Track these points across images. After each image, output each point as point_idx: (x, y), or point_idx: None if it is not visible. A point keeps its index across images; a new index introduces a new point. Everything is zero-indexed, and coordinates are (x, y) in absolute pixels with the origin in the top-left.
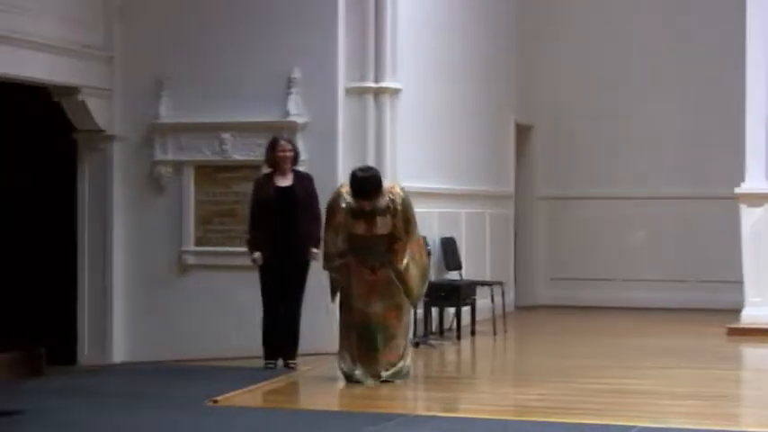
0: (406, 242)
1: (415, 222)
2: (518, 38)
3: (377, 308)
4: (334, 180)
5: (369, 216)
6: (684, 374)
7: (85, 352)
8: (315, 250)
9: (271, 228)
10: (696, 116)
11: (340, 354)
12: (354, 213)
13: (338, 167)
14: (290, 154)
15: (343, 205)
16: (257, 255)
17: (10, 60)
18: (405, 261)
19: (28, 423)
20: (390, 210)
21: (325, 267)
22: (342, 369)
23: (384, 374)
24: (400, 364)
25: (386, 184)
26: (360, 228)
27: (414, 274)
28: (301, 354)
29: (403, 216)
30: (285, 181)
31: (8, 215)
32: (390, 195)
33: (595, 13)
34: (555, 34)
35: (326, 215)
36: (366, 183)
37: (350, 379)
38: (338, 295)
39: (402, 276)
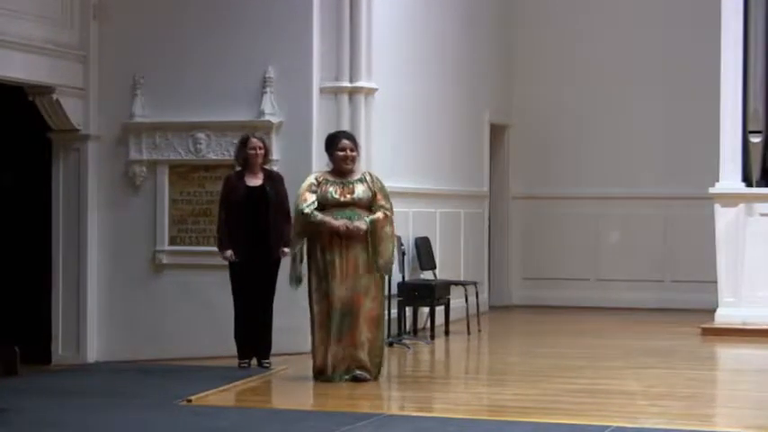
0: (388, 216)
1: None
2: (493, 38)
3: (346, 291)
4: None
5: (345, 184)
6: (659, 374)
7: (60, 351)
8: (286, 249)
9: (241, 227)
10: (672, 116)
11: (315, 351)
12: (328, 182)
13: (312, 167)
14: (260, 152)
15: (316, 180)
16: (229, 252)
17: None
18: (382, 217)
19: (3, 422)
20: (367, 181)
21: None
22: (317, 366)
23: (357, 373)
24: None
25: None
26: (335, 192)
27: (388, 235)
28: (275, 353)
29: (382, 193)
30: (256, 180)
31: None
32: (366, 173)
33: (572, 13)
34: (531, 35)
35: (299, 195)
36: (344, 131)
37: (323, 377)
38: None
39: (376, 227)
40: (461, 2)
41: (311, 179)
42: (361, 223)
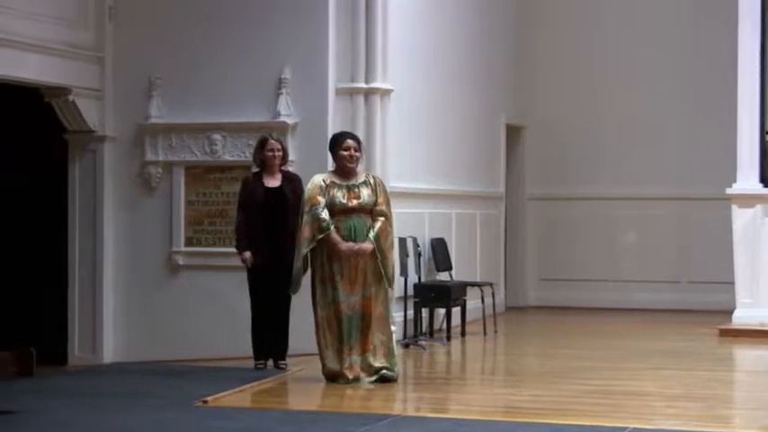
0: (389, 219)
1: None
2: (510, 39)
3: (355, 297)
4: None
5: (351, 188)
6: (676, 376)
7: (76, 352)
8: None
9: (260, 228)
10: (689, 116)
11: (322, 354)
12: (334, 185)
13: (328, 168)
14: (278, 153)
15: (323, 183)
16: (248, 255)
17: (2, 61)
18: (383, 227)
19: (18, 423)
20: (371, 184)
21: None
22: (328, 369)
23: (368, 379)
24: (382, 363)
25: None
26: (342, 196)
27: (390, 245)
28: (291, 354)
29: (384, 197)
30: (274, 181)
31: (0, 215)
32: (369, 175)
33: (588, 14)
34: (547, 35)
35: (305, 198)
36: (348, 132)
37: (335, 379)
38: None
39: (380, 240)
40: (477, 3)
41: (319, 181)
42: (367, 243)
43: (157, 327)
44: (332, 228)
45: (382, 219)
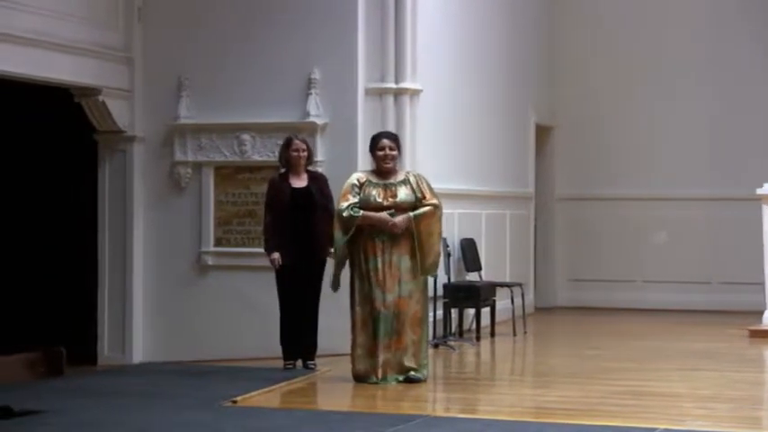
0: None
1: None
2: (538, 39)
3: (391, 296)
4: None
5: (388, 186)
6: (706, 377)
7: (105, 352)
8: (332, 250)
9: (287, 229)
10: (718, 116)
11: (354, 353)
12: (371, 183)
13: (358, 168)
14: (304, 153)
15: (357, 182)
16: (276, 255)
17: (33, 62)
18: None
19: (48, 423)
20: (411, 183)
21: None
22: (357, 369)
23: (396, 378)
24: (411, 364)
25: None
26: (378, 195)
27: (435, 231)
28: (320, 354)
29: (431, 192)
30: (300, 182)
31: (30, 215)
32: (410, 174)
33: (617, 13)
34: (577, 34)
35: (340, 195)
36: (386, 131)
37: (365, 380)
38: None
39: (420, 222)
40: (506, 3)
41: (353, 179)
42: (401, 217)
43: (186, 327)
44: (359, 212)
45: (430, 206)
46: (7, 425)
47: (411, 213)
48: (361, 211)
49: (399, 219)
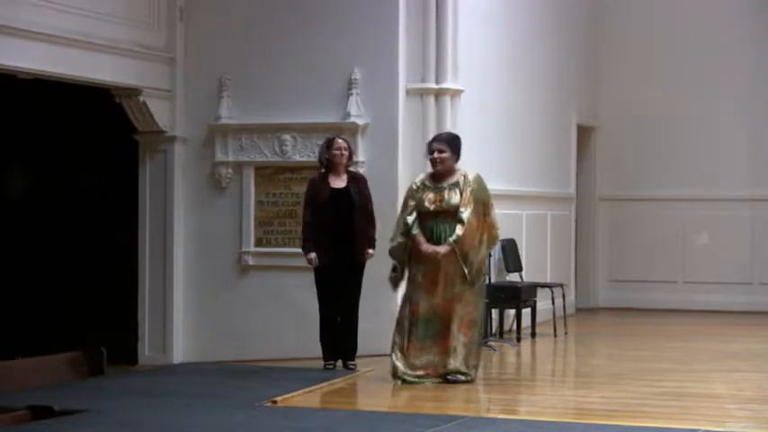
0: (476, 222)
1: (492, 205)
2: (581, 38)
3: (435, 299)
4: (395, 182)
5: (439, 190)
6: (748, 378)
7: (146, 352)
8: (370, 251)
9: (326, 229)
10: (759, 117)
11: (393, 353)
12: (425, 187)
13: (398, 169)
14: (345, 153)
15: (414, 186)
16: (313, 256)
17: (74, 62)
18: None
19: (87, 422)
20: (460, 186)
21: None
22: (394, 368)
23: (434, 380)
24: (458, 366)
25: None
26: (428, 200)
27: (474, 246)
28: (360, 355)
29: (482, 199)
30: (340, 182)
31: (71, 215)
32: (463, 175)
33: (658, 13)
34: (617, 36)
35: (403, 202)
36: (440, 133)
37: (402, 379)
38: (400, 285)
39: (462, 245)
40: (548, 3)
41: (412, 184)
42: (443, 247)
43: (227, 327)
44: (416, 230)
45: (460, 226)
46: (49, 424)
47: (451, 239)
48: (418, 230)
49: (442, 249)
